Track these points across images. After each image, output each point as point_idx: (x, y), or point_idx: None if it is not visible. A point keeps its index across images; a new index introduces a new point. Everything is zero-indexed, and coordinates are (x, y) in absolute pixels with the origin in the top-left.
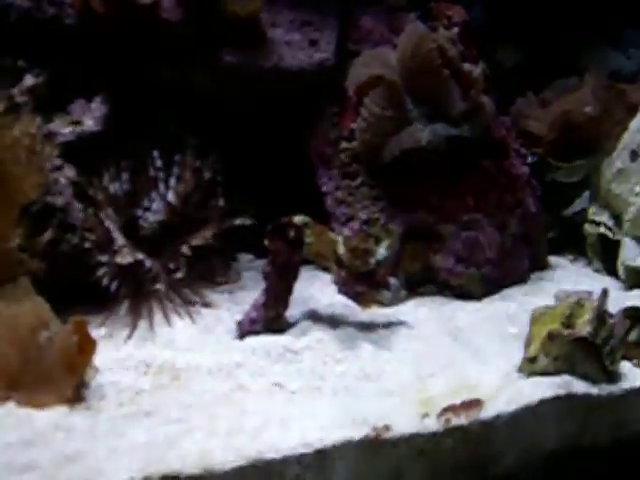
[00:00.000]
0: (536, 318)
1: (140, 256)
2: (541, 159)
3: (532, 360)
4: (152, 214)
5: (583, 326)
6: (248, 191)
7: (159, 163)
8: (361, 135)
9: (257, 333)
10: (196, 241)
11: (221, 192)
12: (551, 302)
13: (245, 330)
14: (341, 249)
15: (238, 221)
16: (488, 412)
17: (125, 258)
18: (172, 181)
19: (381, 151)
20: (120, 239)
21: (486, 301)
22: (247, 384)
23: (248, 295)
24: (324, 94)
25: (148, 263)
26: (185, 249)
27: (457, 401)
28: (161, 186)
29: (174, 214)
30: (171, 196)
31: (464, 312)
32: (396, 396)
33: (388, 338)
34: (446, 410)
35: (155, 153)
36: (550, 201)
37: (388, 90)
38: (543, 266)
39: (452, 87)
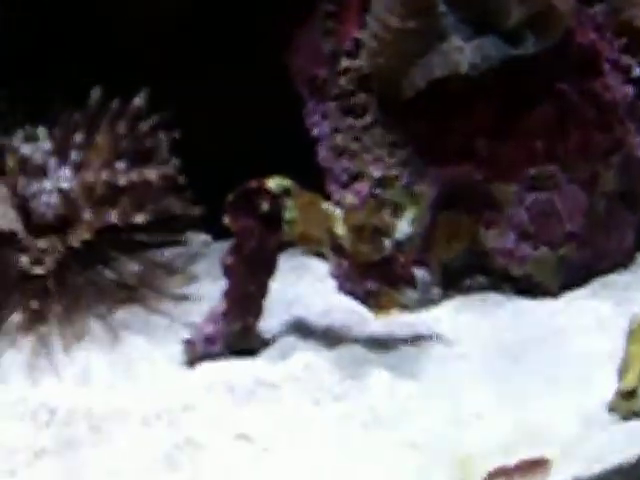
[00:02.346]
0: (637, 331)
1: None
2: None
3: (630, 395)
4: (45, 205)
5: None
6: (198, 140)
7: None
8: (371, 59)
9: (215, 357)
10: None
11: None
12: None
13: (198, 353)
14: (340, 228)
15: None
16: (559, 478)
17: None
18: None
19: (401, 81)
20: None
21: (565, 299)
22: (199, 437)
23: (201, 299)
24: None
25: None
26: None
27: (512, 460)
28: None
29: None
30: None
31: (531, 317)
32: (421, 451)
33: (414, 360)
34: (495, 475)
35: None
36: None
37: None
38: None
39: None
